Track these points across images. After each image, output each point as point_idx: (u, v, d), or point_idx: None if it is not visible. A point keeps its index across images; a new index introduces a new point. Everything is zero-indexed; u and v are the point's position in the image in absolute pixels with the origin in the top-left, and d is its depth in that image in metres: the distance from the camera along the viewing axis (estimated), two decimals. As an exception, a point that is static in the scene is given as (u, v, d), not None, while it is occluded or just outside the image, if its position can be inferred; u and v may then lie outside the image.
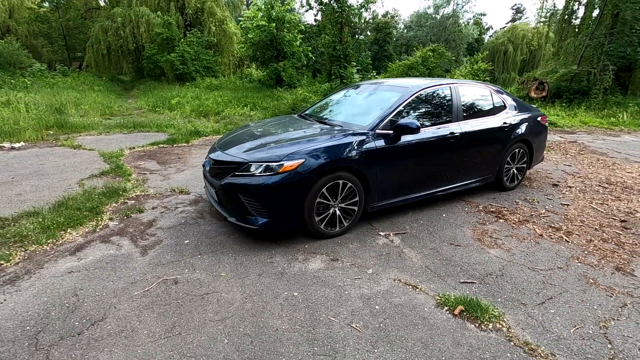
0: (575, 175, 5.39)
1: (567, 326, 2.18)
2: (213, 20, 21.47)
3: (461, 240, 3.27)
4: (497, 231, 3.45)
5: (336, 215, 3.21)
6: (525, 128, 4.43)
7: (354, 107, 4.02)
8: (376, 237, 3.32)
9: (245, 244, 3.12)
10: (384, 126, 3.37)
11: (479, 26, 44.99)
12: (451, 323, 2.19)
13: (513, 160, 4.47)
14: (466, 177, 4.07)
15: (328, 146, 3.06)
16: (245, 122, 9.60)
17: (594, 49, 14.27)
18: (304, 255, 2.96)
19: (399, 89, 3.77)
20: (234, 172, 3.05)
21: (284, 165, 2.88)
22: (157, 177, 4.96)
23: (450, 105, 3.88)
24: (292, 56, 15.23)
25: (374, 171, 3.27)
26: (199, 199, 4.17)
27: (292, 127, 3.78)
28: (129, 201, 4.08)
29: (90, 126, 8.71)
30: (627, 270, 2.81)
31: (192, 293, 2.44)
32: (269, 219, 2.95)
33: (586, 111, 12.67)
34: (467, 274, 2.73)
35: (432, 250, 3.07)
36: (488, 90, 4.36)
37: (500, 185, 4.47)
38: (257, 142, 3.32)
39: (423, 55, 13.77)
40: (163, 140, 7.20)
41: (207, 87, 16.19)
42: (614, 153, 7.13)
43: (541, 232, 3.43)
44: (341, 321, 2.19)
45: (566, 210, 3.99)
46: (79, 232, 3.28)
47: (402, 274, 2.71)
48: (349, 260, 2.90)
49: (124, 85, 22.67)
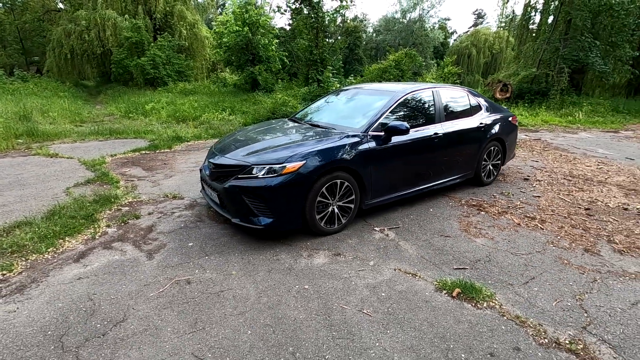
0: (542, 170, 5.88)
1: (550, 300, 2.48)
2: (184, 24, 21.13)
3: (450, 231, 3.55)
4: (480, 222, 3.76)
5: (335, 213, 3.40)
6: (499, 128, 4.82)
7: (345, 111, 4.24)
8: (372, 232, 3.54)
9: (250, 244, 3.24)
10: (375, 128, 3.60)
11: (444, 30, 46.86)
12: (451, 304, 2.43)
13: (489, 157, 4.84)
14: (449, 174, 4.38)
15: (326, 148, 3.24)
16: (226, 127, 9.60)
17: (551, 52, 15.37)
18: (307, 252, 3.12)
19: (386, 93, 4.02)
20: (237, 175, 3.16)
21: (287, 167, 3.03)
22: (147, 184, 4.95)
23: (432, 108, 4.18)
24: (267, 60, 15.31)
25: (368, 170, 3.49)
26: (195, 203, 4.23)
27: (288, 130, 3.93)
28: (123, 208, 4.07)
29: (63, 134, 8.42)
30: (594, 251, 3.18)
31: (207, 291, 2.54)
32: (273, 219, 3.09)
33: (546, 111, 13.62)
34: (458, 261, 3.00)
35: (425, 242, 3.33)
36: (465, 92, 4.71)
37: (479, 180, 4.83)
38: (257, 146, 3.46)
39: (396, 59, 14.32)
40: (144, 147, 7.11)
41: (181, 92, 15.94)
42: (573, 149, 7.78)
43: (519, 222, 3.78)
44: (353, 308, 2.38)
45: (538, 202, 4.40)
46: (79, 240, 3.27)
47: (401, 264, 2.94)
48: (351, 255, 3.09)
49: (89, 90, 21.79)
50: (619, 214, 4.07)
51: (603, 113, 13.92)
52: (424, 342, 2.09)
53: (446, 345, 2.07)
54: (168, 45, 18.83)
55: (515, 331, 2.19)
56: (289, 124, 4.28)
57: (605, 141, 8.84)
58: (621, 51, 15.25)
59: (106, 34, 18.66)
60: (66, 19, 21.34)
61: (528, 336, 2.15)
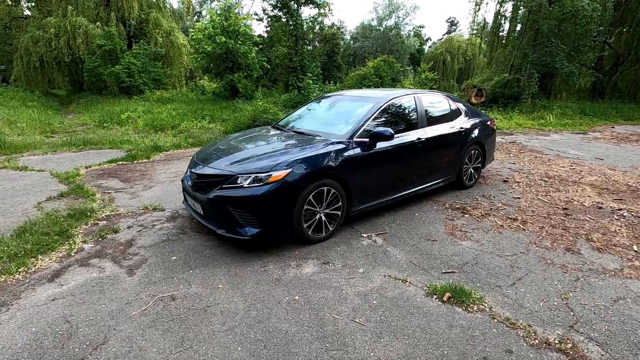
0: (520, 172, 6.05)
1: (537, 301, 2.52)
2: (159, 32, 20.74)
3: (436, 235, 3.57)
4: (465, 225, 3.82)
5: (322, 221, 3.36)
6: (478, 132, 4.93)
7: (329, 118, 4.23)
8: (360, 238, 3.52)
9: (236, 256, 3.15)
10: (360, 134, 3.60)
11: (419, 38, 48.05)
12: (442, 309, 2.43)
13: (470, 160, 4.94)
14: (433, 177, 4.43)
15: (312, 155, 3.21)
16: (206, 135, 9.43)
17: (521, 58, 15.98)
18: (296, 262, 3.07)
19: (369, 100, 4.05)
20: (221, 185, 3.08)
21: (273, 175, 2.98)
22: (125, 196, 4.77)
23: (415, 113, 4.23)
24: (247, 67, 15.21)
25: (354, 177, 3.48)
26: (177, 215, 4.09)
27: (272, 138, 3.89)
28: (100, 222, 3.89)
29: (32, 145, 8.05)
30: (575, 250, 3.28)
31: (193, 307, 2.44)
32: (260, 229, 3.02)
33: (519, 114, 14.11)
34: (446, 265, 3.02)
35: (413, 247, 3.34)
36: (444, 98, 4.81)
37: (461, 184, 4.91)
38: (241, 155, 3.39)
39: (375, 66, 14.54)
40: (121, 157, 6.86)
41: (158, 100, 15.58)
42: (547, 150, 8.07)
43: (502, 224, 3.86)
44: (345, 318, 2.34)
45: (518, 203, 4.51)
46: (52, 258, 3.09)
47: (390, 270, 2.92)
48: (340, 262, 3.06)
49: (60, 100, 21.01)
50: (595, 212, 4.22)
51: (571, 116, 14.55)
52: (418, 350, 2.07)
53: (440, 351, 2.06)
54: (144, 53, 18.42)
55: (507, 333, 2.20)
56: (273, 131, 4.23)
57: (575, 142, 9.22)
58: (584, 56, 16.07)
59: (77, 42, 18.05)
60: (34, 26, 20.53)
61: (519, 338, 2.16)
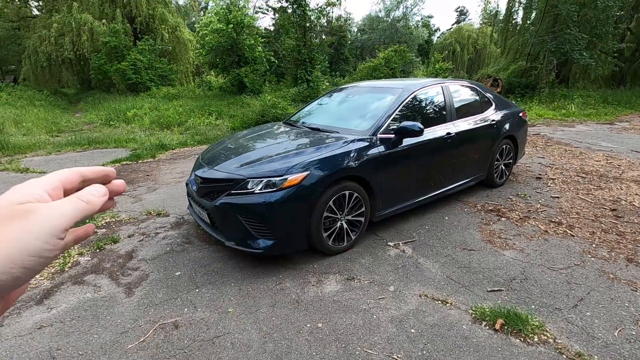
0: (552, 167, 5.56)
1: (609, 329, 2.10)
2: (165, 27, 20.48)
3: (472, 243, 3.15)
4: (503, 231, 3.38)
5: (343, 229, 2.97)
6: (511, 124, 4.46)
7: (347, 112, 3.81)
8: (386, 248, 3.12)
9: (247, 270, 2.79)
10: (384, 130, 3.19)
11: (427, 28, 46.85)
12: (495, 340, 2.03)
13: (501, 156, 4.48)
14: (462, 176, 4.00)
15: (332, 155, 2.81)
16: (213, 132, 9.09)
17: (540, 45, 15.23)
18: (315, 277, 2.69)
19: (393, 91, 3.61)
20: (229, 191, 2.71)
21: (288, 179, 2.59)
22: (127, 199, 4.44)
23: (443, 105, 3.79)
24: (254, 61, 14.80)
25: (378, 178, 3.07)
26: (181, 221, 3.75)
27: (284, 136, 3.49)
28: (99, 230, 3.57)
29: (37, 145, 7.82)
30: (638, 261, 2.83)
31: (200, 338, 2.08)
32: (274, 241, 2.64)
33: (538, 104, 13.45)
34: (491, 280, 2.60)
35: (448, 258, 2.92)
36: (474, 87, 4.34)
37: (491, 182, 4.46)
38: (252, 155, 3.00)
39: (386, 57, 13.99)
40: (126, 157, 6.57)
41: (164, 97, 15.31)
42: (576, 143, 7.52)
43: (545, 228, 3.41)
44: (380, 353, 1.95)
45: (559, 203, 4.05)
46: (44, 274, 2.77)
47: (426, 288, 2.52)
48: (366, 278, 2.67)
49: (68, 98, 20.94)
50: (648, 213, 3.74)
51: (594, 105, 13.82)
52: (474, 397, 1.68)
53: (502, 400, 1.67)
54: (149, 49, 18.14)
55: (581, 374, 1.79)
56: (285, 128, 3.83)
57: (604, 133, 8.63)
58: (605, 43, 15.23)
59: (82, 39, 17.85)
60: (41, 25, 20.44)
61: (598, 381, 1.76)
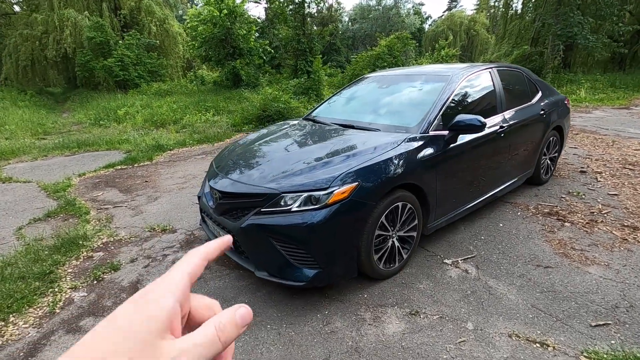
0: (592, 159, 5.08)
1: None
2: (152, 20, 19.54)
3: (545, 258, 2.66)
4: (574, 240, 2.89)
5: (395, 248, 2.45)
6: (558, 113, 3.96)
7: (384, 105, 3.24)
8: (443, 267, 2.61)
9: (284, 305, 2.26)
10: (436, 126, 2.65)
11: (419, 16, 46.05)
12: (634, 403, 1.54)
13: (548, 149, 3.99)
14: (512, 175, 3.49)
15: (383, 160, 2.27)
16: (213, 129, 8.48)
17: (546, 29, 14.73)
18: (370, 312, 2.17)
19: (439, 78, 3.07)
20: (259, 208, 2.16)
21: (335, 192, 2.05)
22: (126, 212, 3.87)
23: (493, 94, 3.26)
24: (249, 53, 14.08)
25: (432, 184, 2.55)
26: (192, 238, 3.20)
27: (312, 137, 2.93)
28: (96, 253, 3.01)
29: (21, 150, 7.14)
30: None
31: (240, 415, 1.56)
32: (319, 270, 2.11)
33: (547, 90, 12.99)
34: (589, 310, 2.11)
35: (523, 279, 2.42)
36: (520, 72, 3.82)
37: (537, 179, 3.97)
38: (280, 162, 2.44)
39: (388, 44, 13.38)
40: (120, 161, 5.95)
41: (156, 93, 14.55)
42: (602, 130, 7.07)
43: (621, 235, 2.93)
44: None
45: (621, 202, 3.57)
46: (29, 320, 2.21)
47: (512, 324, 2.02)
48: (433, 311, 2.15)
49: (55, 98, 20.00)
50: None
51: (602, 89, 13.43)
52: None
53: None
54: (137, 43, 17.27)
55: None
56: (310, 126, 3.25)
57: (626, 119, 8.20)
58: (611, 25, 14.76)
59: (65, 35, 16.89)
60: (23, 23, 19.37)
61: None
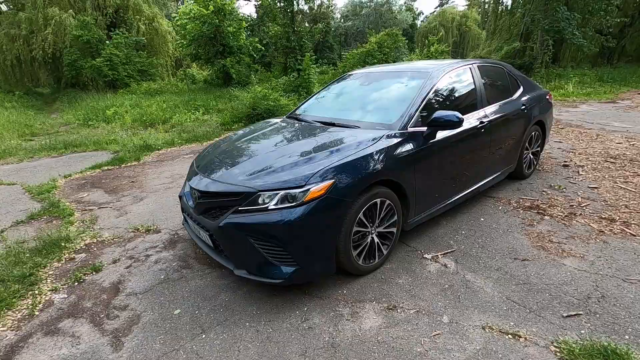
0: (574, 152, 5.16)
1: None
2: (141, 18, 19.33)
3: (523, 251, 2.70)
4: (552, 233, 2.94)
5: (374, 244, 2.48)
6: (540, 108, 4.01)
7: (365, 102, 3.26)
8: (423, 262, 2.64)
9: (263, 302, 2.28)
10: (415, 122, 2.68)
11: (411, 12, 46.06)
12: (599, 391, 1.58)
13: (530, 144, 4.04)
14: (493, 170, 3.54)
15: (360, 157, 2.29)
16: (202, 128, 8.44)
17: (535, 24, 14.84)
18: (349, 308, 2.19)
19: (418, 75, 3.09)
20: (236, 207, 2.17)
21: (311, 190, 2.07)
22: (110, 213, 3.85)
23: (473, 90, 3.29)
24: (239, 51, 14.00)
25: (411, 180, 2.58)
26: (175, 238, 3.20)
27: (293, 135, 2.94)
28: (78, 255, 3.00)
29: (7, 152, 7.06)
30: None
31: (214, 412, 1.58)
32: (297, 267, 2.13)
33: (536, 85, 13.11)
34: (561, 301, 2.15)
35: (500, 272, 2.46)
36: (501, 68, 3.86)
37: (520, 173, 4.02)
38: (259, 161, 2.45)
39: (378, 41, 13.38)
40: (107, 161, 5.91)
41: (146, 93, 14.44)
42: (587, 124, 7.15)
43: (598, 227, 2.98)
44: (457, 422, 1.48)
45: (600, 195, 3.63)
46: (7, 323, 2.21)
47: (486, 317, 2.06)
48: (410, 306, 2.18)
49: (43, 98, 19.71)
50: (701, 202, 3.36)
51: (590, 84, 13.57)
52: None
53: None
54: (126, 42, 17.08)
55: None
56: (292, 124, 3.26)
57: (611, 113, 8.31)
58: (599, 20, 14.90)
59: (49, 33, 16.62)
60: (8, 23, 19.05)
61: None
